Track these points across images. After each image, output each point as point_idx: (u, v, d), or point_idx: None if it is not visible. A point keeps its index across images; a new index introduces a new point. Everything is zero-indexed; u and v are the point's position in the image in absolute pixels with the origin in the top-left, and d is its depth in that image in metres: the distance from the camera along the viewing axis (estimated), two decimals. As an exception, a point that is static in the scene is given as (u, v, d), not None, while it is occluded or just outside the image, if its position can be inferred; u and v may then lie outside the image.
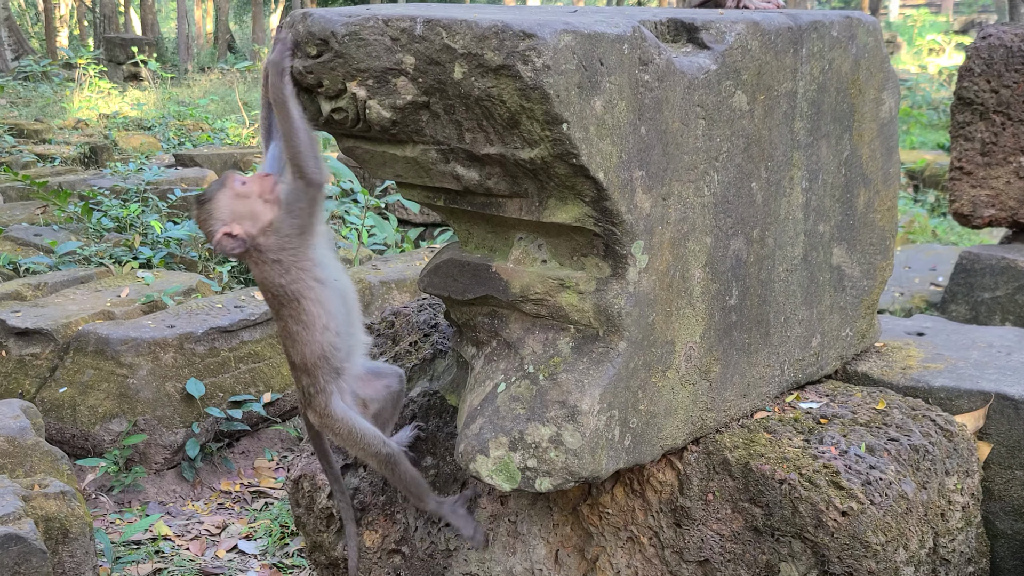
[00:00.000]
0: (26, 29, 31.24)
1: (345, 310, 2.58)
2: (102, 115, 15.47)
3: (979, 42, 4.52)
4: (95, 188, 8.85)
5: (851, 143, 2.91)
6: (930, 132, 14.35)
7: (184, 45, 25.90)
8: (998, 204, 4.60)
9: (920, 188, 11.46)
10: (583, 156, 2.11)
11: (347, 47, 2.20)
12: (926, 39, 28.95)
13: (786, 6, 3.18)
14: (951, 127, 4.75)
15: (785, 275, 2.76)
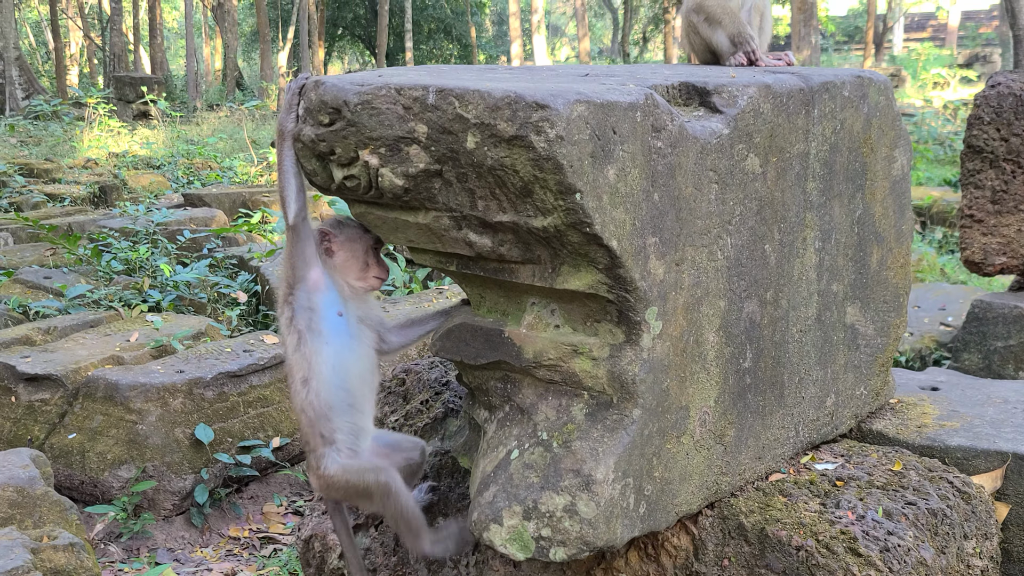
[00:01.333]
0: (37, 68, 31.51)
1: (340, 379, 2.55)
2: (112, 154, 15.55)
3: (988, 91, 4.53)
4: (104, 229, 8.87)
5: (864, 202, 2.90)
6: (936, 167, 14.35)
7: (193, 82, 26.09)
8: (1009, 252, 4.58)
9: (928, 225, 11.43)
10: (596, 225, 2.10)
11: (359, 116, 2.20)
12: (931, 73, 29.04)
13: (795, 63, 3.18)
14: (961, 175, 4.74)
15: (799, 336, 2.74)
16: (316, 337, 2.49)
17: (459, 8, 35.85)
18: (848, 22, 48.21)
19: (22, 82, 21.28)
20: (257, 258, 7.86)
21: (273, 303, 7.17)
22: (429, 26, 36.59)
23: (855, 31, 46.18)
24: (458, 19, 36.11)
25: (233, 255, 8.32)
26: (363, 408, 2.61)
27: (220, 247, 8.70)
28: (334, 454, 2.55)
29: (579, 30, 44.67)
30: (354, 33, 38.92)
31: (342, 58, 46.98)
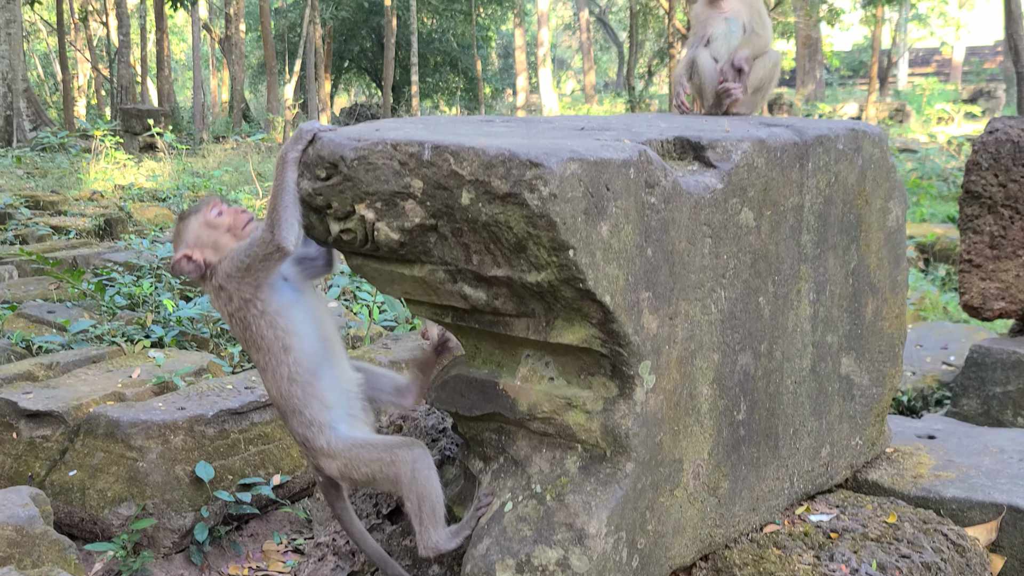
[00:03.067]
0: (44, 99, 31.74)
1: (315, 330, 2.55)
2: (117, 186, 15.62)
3: (986, 137, 4.55)
4: (109, 263, 8.91)
5: (858, 253, 2.91)
6: (939, 204, 14.36)
7: (199, 114, 26.26)
8: (1008, 297, 4.59)
9: (931, 262, 11.43)
10: (589, 281, 2.12)
11: (356, 171, 2.22)
12: (935, 108, 29.13)
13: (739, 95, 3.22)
14: (960, 220, 4.76)
15: (794, 387, 2.75)
16: (282, 307, 2.50)
17: (465, 41, 36.09)
18: (853, 57, 48.42)
19: (30, 114, 21.43)
20: (261, 293, 7.86)
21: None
22: (435, 59, 36.82)
23: (860, 66, 46.38)
24: (464, 52, 36.33)
25: (237, 289, 8.32)
26: (340, 352, 2.62)
27: (224, 281, 8.70)
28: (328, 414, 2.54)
29: (584, 63, 44.93)
30: (360, 66, 39.18)
31: (348, 90, 47.28)
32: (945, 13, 40.30)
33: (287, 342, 2.49)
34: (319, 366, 2.53)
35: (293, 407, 2.54)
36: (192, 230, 2.57)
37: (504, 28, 42.78)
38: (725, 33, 3.25)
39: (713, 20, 3.27)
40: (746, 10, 3.24)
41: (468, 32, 35.24)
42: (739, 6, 3.25)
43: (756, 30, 3.23)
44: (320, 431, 2.54)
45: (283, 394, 2.55)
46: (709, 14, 3.28)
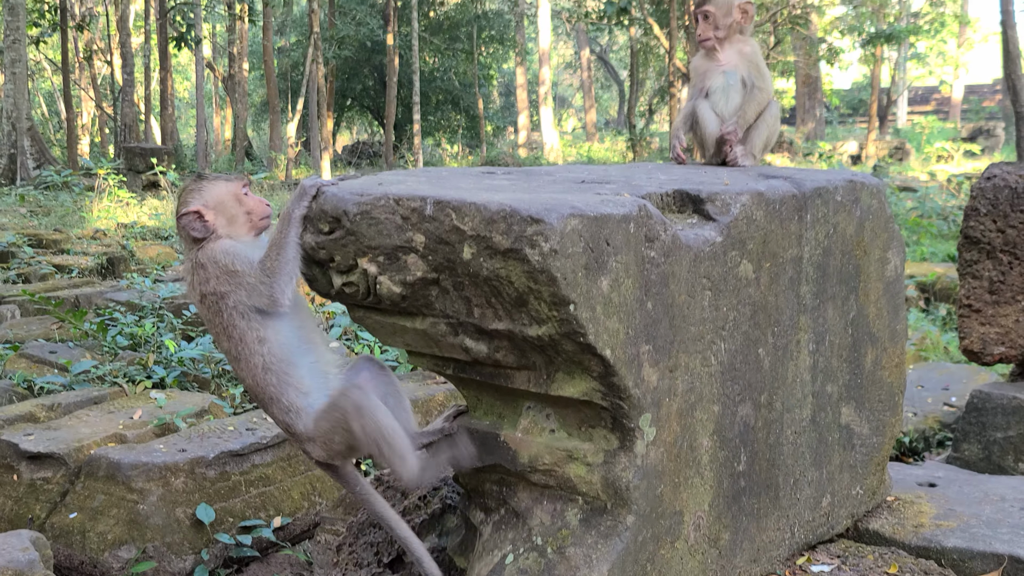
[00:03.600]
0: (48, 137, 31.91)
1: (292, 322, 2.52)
2: (120, 224, 15.68)
3: (984, 182, 4.58)
4: (111, 303, 8.93)
5: (857, 303, 2.93)
6: (940, 243, 14.38)
7: (203, 152, 26.40)
8: (1008, 342, 4.60)
9: (931, 301, 11.43)
10: (590, 335, 2.13)
11: (359, 225, 2.25)
12: (935, 146, 29.25)
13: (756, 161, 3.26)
14: (959, 265, 4.77)
15: (794, 437, 2.76)
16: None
17: (467, 80, 36.32)
18: (852, 95, 48.67)
19: (34, 152, 21.53)
20: (262, 333, 7.87)
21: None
22: (437, 97, 37.04)
23: (859, 104, 46.62)
24: (466, 91, 36.55)
25: (238, 329, 8.34)
26: (316, 337, 2.60)
27: (226, 321, 8.72)
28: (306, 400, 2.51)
29: (586, 102, 45.21)
30: (363, 104, 39.42)
31: (351, 128, 47.52)
32: (944, 52, 40.57)
33: (262, 334, 2.47)
34: (294, 354, 2.50)
35: (270, 395, 2.51)
36: (216, 193, 2.56)
37: (506, 67, 43.07)
38: (724, 86, 3.29)
39: (712, 73, 3.32)
40: (744, 63, 3.29)
41: (470, 71, 35.48)
42: (737, 60, 3.29)
43: (756, 83, 3.27)
44: (298, 417, 2.51)
45: (258, 383, 2.51)
46: (708, 67, 3.33)
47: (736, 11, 3.32)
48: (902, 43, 33.96)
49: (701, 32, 3.35)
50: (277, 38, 34.05)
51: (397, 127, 33.97)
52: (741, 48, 3.33)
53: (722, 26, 3.31)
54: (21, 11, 21.69)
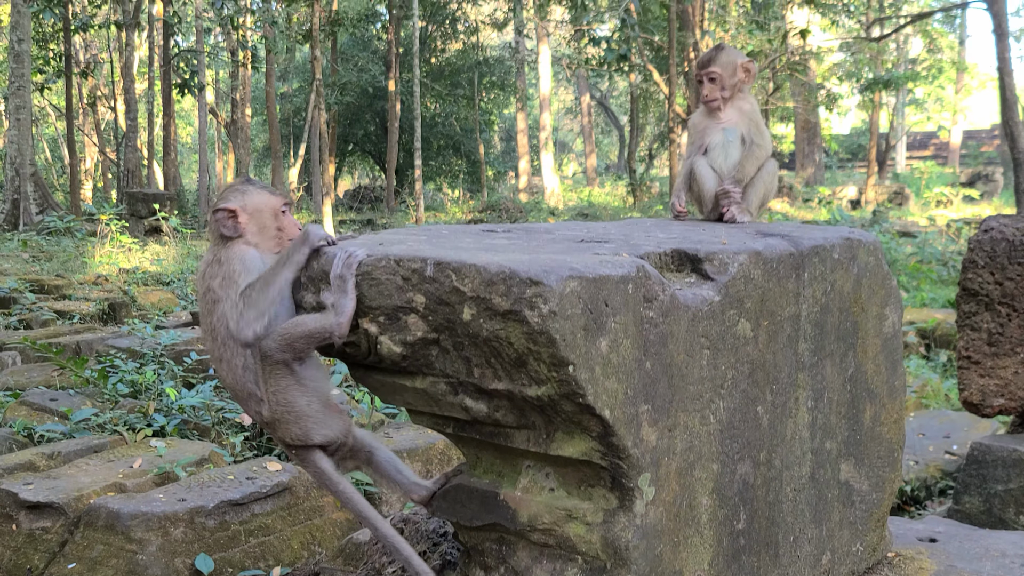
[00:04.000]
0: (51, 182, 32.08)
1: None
2: (122, 270, 15.72)
3: (981, 235, 4.61)
4: (112, 349, 8.94)
5: (855, 360, 2.95)
6: (940, 288, 14.40)
7: (205, 197, 26.51)
8: (1007, 394, 4.60)
9: (932, 348, 11.43)
10: (589, 395, 2.15)
11: (360, 286, 2.27)
12: (934, 191, 29.39)
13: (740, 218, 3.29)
14: (958, 317, 4.80)
15: (793, 495, 2.76)
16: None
17: (468, 125, 36.58)
18: (851, 140, 48.98)
19: (37, 197, 21.65)
20: (262, 380, 7.88)
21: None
22: (438, 143, 37.29)
23: (858, 149, 46.89)
24: (467, 136, 36.79)
25: (239, 376, 8.36)
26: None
27: (226, 368, 8.74)
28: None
29: (586, 147, 45.47)
30: (364, 149, 39.66)
31: (352, 173, 47.79)
32: (942, 98, 40.88)
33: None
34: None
35: (248, 391, 2.54)
36: (257, 201, 2.59)
37: (507, 112, 43.39)
38: (723, 143, 3.34)
39: (711, 130, 3.36)
40: (744, 121, 3.33)
41: (471, 116, 35.74)
42: (737, 117, 3.34)
43: (756, 140, 3.32)
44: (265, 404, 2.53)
45: (238, 381, 2.54)
46: (707, 124, 3.38)
47: (740, 71, 3.37)
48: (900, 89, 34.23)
49: (708, 94, 3.38)
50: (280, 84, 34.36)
51: (399, 172, 34.17)
52: (741, 105, 3.38)
53: (727, 87, 3.37)
54: (26, 58, 21.91)
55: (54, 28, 26.46)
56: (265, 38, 27.75)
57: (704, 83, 3.39)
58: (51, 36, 27.10)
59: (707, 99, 3.38)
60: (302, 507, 5.66)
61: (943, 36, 34.95)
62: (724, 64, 3.36)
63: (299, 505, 5.66)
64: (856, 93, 34.61)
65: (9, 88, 21.79)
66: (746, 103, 3.40)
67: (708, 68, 3.37)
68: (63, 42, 25.71)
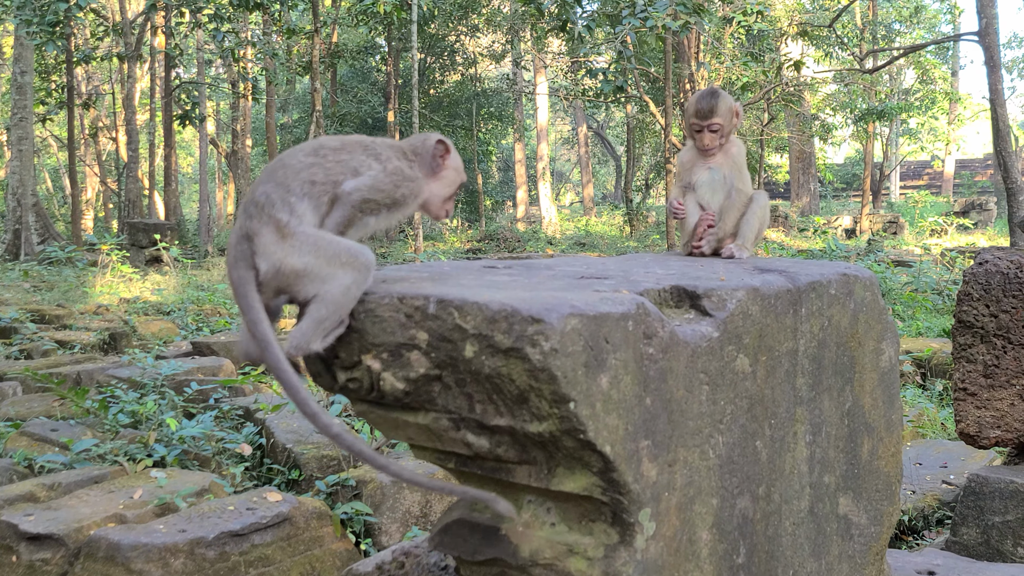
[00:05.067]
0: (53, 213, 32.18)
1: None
2: (123, 300, 15.76)
3: (976, 268, 4.66)
4: (113, 379, 8.97)
5: (853, 394, 2.98)
6: (935, 317, 14.44)
7: (205, 227, 26.59)
8: (1003, 426, 4.64)
9: (928, 377, 11.45)
10: (590, 432, 2.18)
11: (363, 323, 2.31)
12: (928, 220, 29.52)
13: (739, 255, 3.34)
14: (953, 349, 4.84)
15: (792, 529, 2.79)
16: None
17: (466, 156, 36.76)
18: (846, 170, 49.25)
19: (38, 227, 21.75)
20: (263, 410, 7.92)
21: (277, 456, 7.21)
22: (437, 172, 37.39)
23: (853, 178, 47.14)
24: (465, 166, 36.91)
25: (239, 406, 8.41)
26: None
27: (227, 398, 8.79)
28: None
29: (583, 176, 45.64)
30: (365, 179, 39.70)
31: (351, 202, 47.73)
32: (935, 128, 41.14)
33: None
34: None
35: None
36: (457, 166, 2.72)
37: (504, 143, 43.60)
38: (709, 181, 3.41)
39: (698, 168, 3.43)
40: (729, 163, 3.41)
41: (469, 147, 35.93)
42: (723, 159, 3.42)
43: (737, 185, 3.40)
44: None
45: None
46: (696, 162, 3.45)
47: (735, 117, 3.43)
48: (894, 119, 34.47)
49: (709, 144, 3.40)
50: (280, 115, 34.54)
51: (397, 201, 34.20)
52: (728, 148, 3.44)
53: (725, 134, 3.42)
54: (28, 90, 22.04)
55: (56, 60, 26.66)
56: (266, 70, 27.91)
57: (705, 133, 3.40)
58: (53, 68, 27.30)
59: (707, 148, 3.40)
60: (302, 538, 5.67)
61: (936, 67, 35.21)
62: (724, 113, 3.39)
63: (299, 536, 5.68)
64: (850, 124, 34.86)
65: (12, 119, 21.92)
66: (733, 146, 3.46)
67: (711, 120, 3.38)
68: (65, 74, 25.90)
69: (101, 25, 28.40)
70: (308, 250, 2.32)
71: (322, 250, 2.32)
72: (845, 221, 33.40)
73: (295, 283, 2.32)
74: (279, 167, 2.45)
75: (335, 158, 2.48)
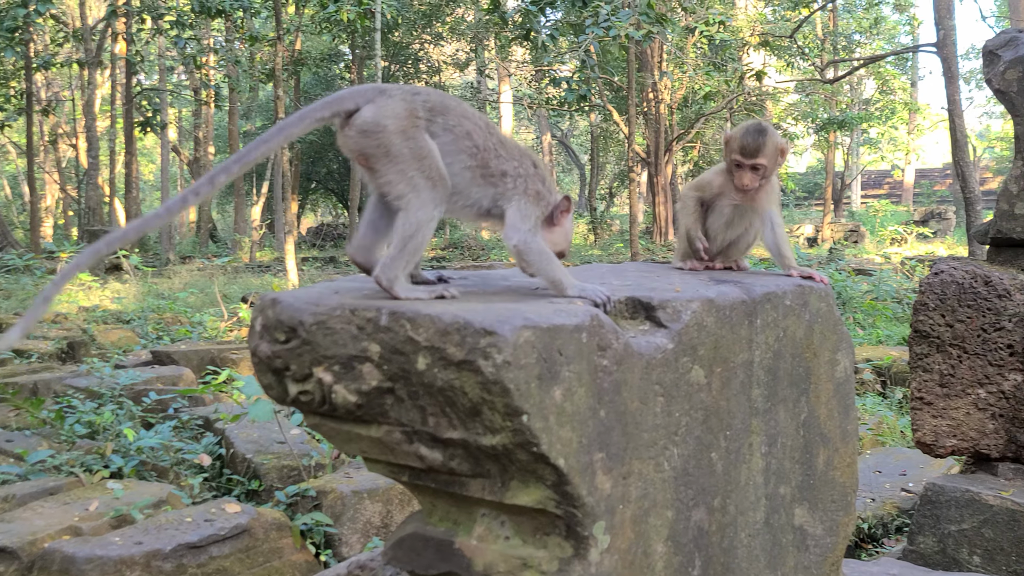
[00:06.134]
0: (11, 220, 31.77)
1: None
2: (81, 308, 15.57)
3: (932, 278, 4.70)
4: (70, 388, 8.85)
5: (808, 405, 2.99)
6: (895, 326, 14.57)
7: (167, 235, 26.36)
8: (959, 435, 4.67)
9: (888, 385, 11.56)
10: (543, 445, 2.16)
11: (314, 335, 2.28)
12: (888, 229, 29.84)
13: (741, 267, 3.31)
14: (910, 358, 4.87)
15: (748, 540, 2.78)
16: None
17: (431, 164, 36.66)
18: (808, 179, 49.70)
19: (-4, 235, 21.48)
20: (223, 419, 7.85)
21: (236, 466, 7.13)
22: (401, 181, 37.28)
23: (815, 188, 47.57)
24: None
25: (199, 415, 8.32)
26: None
27: (186, 407, 8.70)
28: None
29: (548, 184, 45.57)
30: (327, 187, 39.65)
31: (315, 211, 47.74)
32: (895, 138, 41.61)
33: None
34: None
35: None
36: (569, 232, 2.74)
37: (469, 150, 43.49)
38: (729, 218, 3.26)
39: (724, 199, 3.24)
40: (758, 203, 3.22)
41: (434, 155, 35.79)
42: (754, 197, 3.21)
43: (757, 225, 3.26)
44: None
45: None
46: (725, 190, 3.23)
47: (780, 156, 3.17)
48: (854, 129, 34.83)
49: (748, 183, 3.13)
50: (243, 122, 34.35)
51: (362, 209, 34.09)
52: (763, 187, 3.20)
53: (767, 175, 3.16)
54: (-14, 95, 21.76)
55: (15, 66, 26.32)
56: (228, 77, 27.75)
57: (745, 171, 3.13)
58: (12, 74, 26.94)
59: (746, 187, 3.15)
60: (261, 549, 5.61)
61: (896, 78, 35.63)
62: (771, 154, 3.12)
63: (258, 547, 5.62)
64: (812, 133, 35.17)
65: (-32, 125, 21.62)
66: (769, 183, 3.21)
67: (756, 159, 3.11)
68: (24, 80, 25.56)
69: (61, 31, 28.09)
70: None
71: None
72: (807, 230, 33.71)
73: None
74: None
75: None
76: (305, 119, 2.50)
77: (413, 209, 2.41)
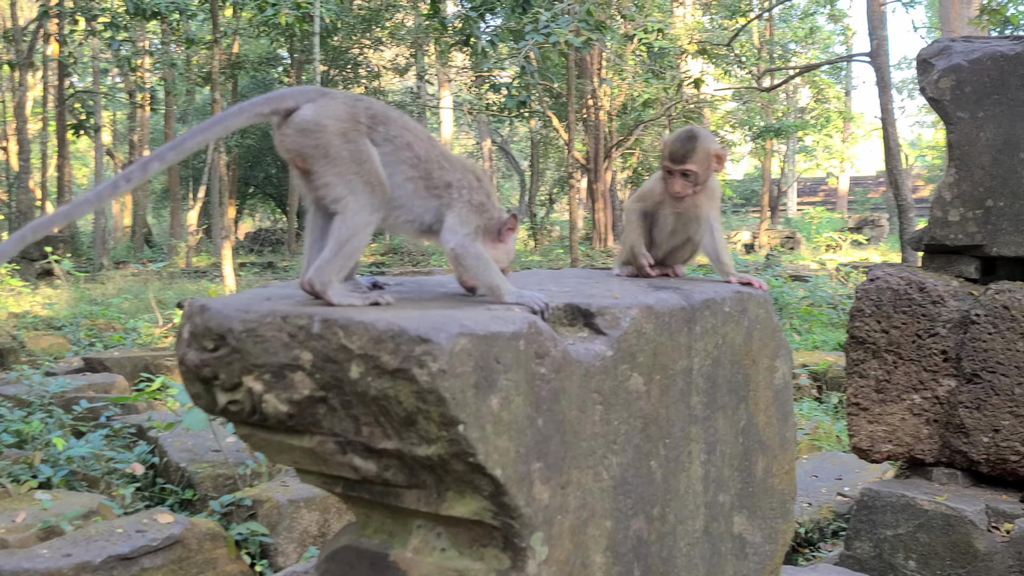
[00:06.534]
0: (-63, 224, 30.97)
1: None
2: (11, 314, 15.21)
3: (868, 284, 4.74)
4: (-3, 397, 8.61)
5: (747, 412, 2.98)
6: (831, 331, 14.76)
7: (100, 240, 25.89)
8: (895, 440, 4.72)
9: (823, 390, 11.70)
10: (480, 455, 2.12)
11: (244, 343, 2.21)
12: (824, 236, 30.28)
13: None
14: (846, 364, 4.91)
15: (687, 549, 2.76)
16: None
17: (370, 168, 36.50)
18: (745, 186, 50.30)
19: (-81, 239, 20.90)
20: (157, 427, 7.69)
21: (170, 476, 7.00)
22: (341, 185, 37.07)
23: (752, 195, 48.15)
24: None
25: (132, 424, 8.16)
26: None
27: (119, 415, 8.52)
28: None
29: (489, 190, 45.59)
30: (265, 191, 39.26)
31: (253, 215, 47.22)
32: (830, 146, 42.28)
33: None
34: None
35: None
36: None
37: (409, 155, 43.34)
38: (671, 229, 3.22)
39: (664, 208, 3.21)
40: (697, 209, 3.19)
41: (373, 160, 35.63)
42: (692, 204, 3.17)
43: (694, 236, 3.24)
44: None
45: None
46: (663, 199, 3.19)
47: (714, 162, 3.12)
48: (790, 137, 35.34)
49: (679, 190, 3.10)
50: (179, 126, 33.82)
51: (300, 214, 33.85)
52: (700, 193, 3.16)
53: (700, 181, 3.11)
54: (-89, 96, 21.17)
55: (-58, 66, 25.68)
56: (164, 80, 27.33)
57: (676, 178, 3.10)
58: (-62, 74, 26.31)
59: (677, 195, 3.11)
60: (194, 560, 5.50)
61: (830, 87, 36.20)
62: (701, 160, 3.08)
63: (191, 558, 5.51)
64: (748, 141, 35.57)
65: None
66: (707, 189, 3.17)
67: (684, 165, 3.07)
68: (-49, 80, 24.96)
69: (-9, 31, 27.46)
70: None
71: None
72: (744, 236, 34.08)
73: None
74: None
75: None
76: (244, 112, 2.44)
77: (350, 213, 2.36)
